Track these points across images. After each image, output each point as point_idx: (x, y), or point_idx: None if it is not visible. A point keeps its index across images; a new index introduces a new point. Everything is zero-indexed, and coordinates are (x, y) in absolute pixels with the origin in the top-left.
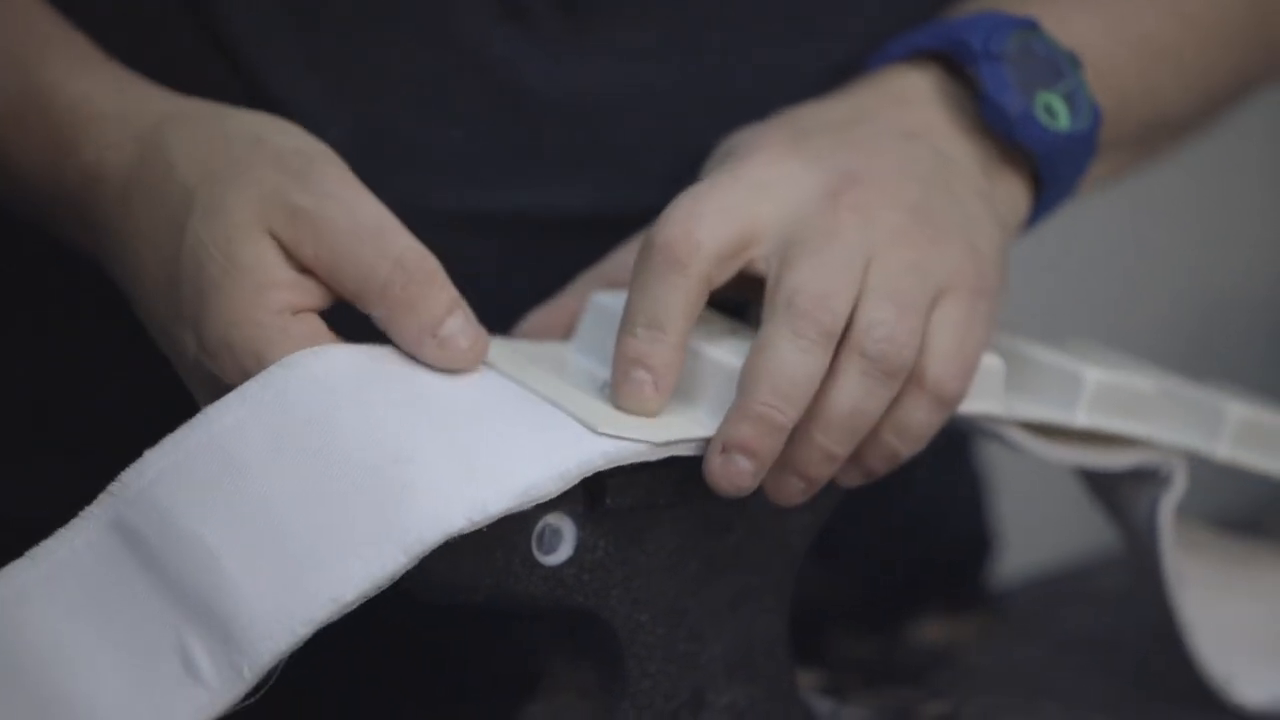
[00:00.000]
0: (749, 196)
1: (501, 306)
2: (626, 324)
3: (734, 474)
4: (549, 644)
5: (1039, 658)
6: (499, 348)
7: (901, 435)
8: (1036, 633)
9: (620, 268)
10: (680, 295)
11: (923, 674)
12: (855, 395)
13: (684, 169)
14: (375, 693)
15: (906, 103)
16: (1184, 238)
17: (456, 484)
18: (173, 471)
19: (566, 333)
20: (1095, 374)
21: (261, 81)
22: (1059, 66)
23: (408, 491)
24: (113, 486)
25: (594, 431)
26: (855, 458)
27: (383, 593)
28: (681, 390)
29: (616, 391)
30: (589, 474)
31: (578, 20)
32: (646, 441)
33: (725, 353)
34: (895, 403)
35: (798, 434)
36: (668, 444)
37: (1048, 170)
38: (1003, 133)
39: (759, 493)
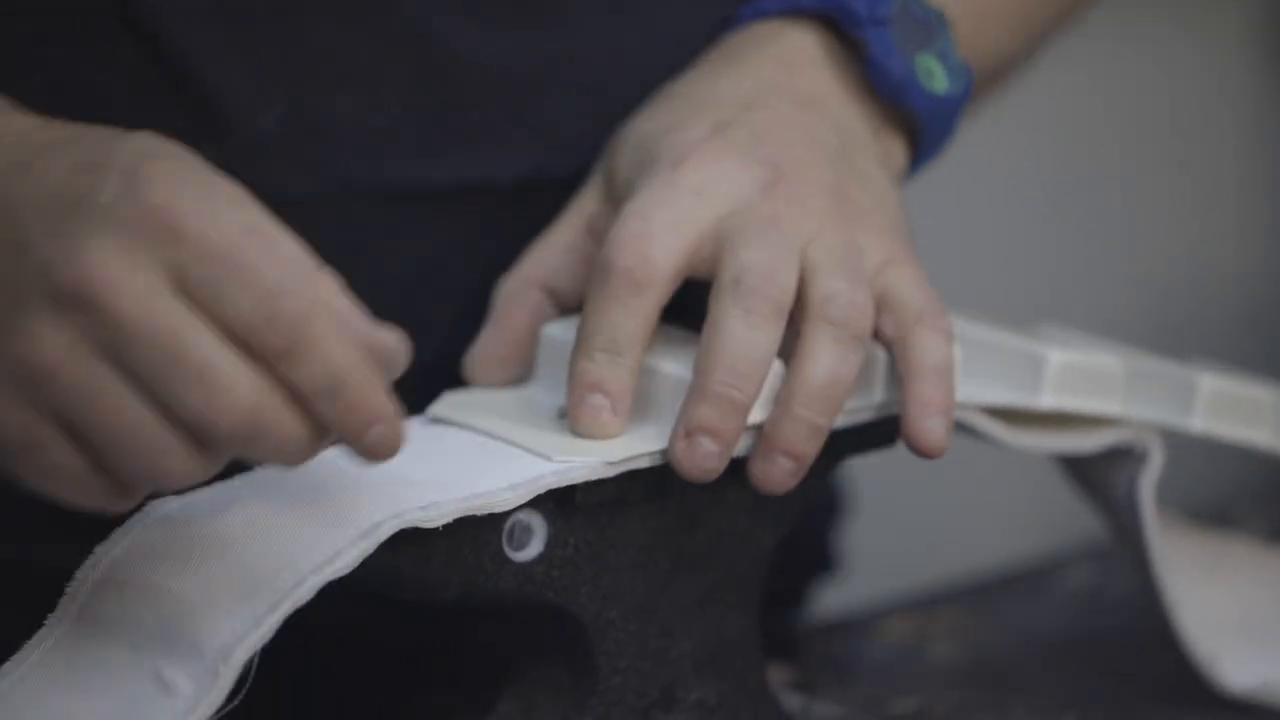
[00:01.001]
0: (692, 205)
1: (445, 277)
2: (583, 349)
3: (700, 457)
4: (519, 641)
5: (1008, 653)
6: (449, 400)
7: (944, 371)
8: (1006, 628)
9: (540, 265)
10: (639, 318)
11: (892, 670)
12: (831, 363)
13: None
14: (346, 695)
15: (795, 67)
16: (1157, 227)
17: (409, 491)
18: (123, 553)
19: (512, 358)
20: (1058, 354)
21: (188, 67)
22: (931, 27)
23: (360, 497)
24: (69, 588)
25: (548, 460)
26: (930, 408)
27: (354, 594)
28: (634, 406)
29: (573, 416)
30: (540, 491)
31: None
32: (601, 462)
33: (679, 366)
34: (917, 348)
35: (779, 412)
36: (623, 461)
37: (928, 132)
38: (889, 97)
39: (729, 489)
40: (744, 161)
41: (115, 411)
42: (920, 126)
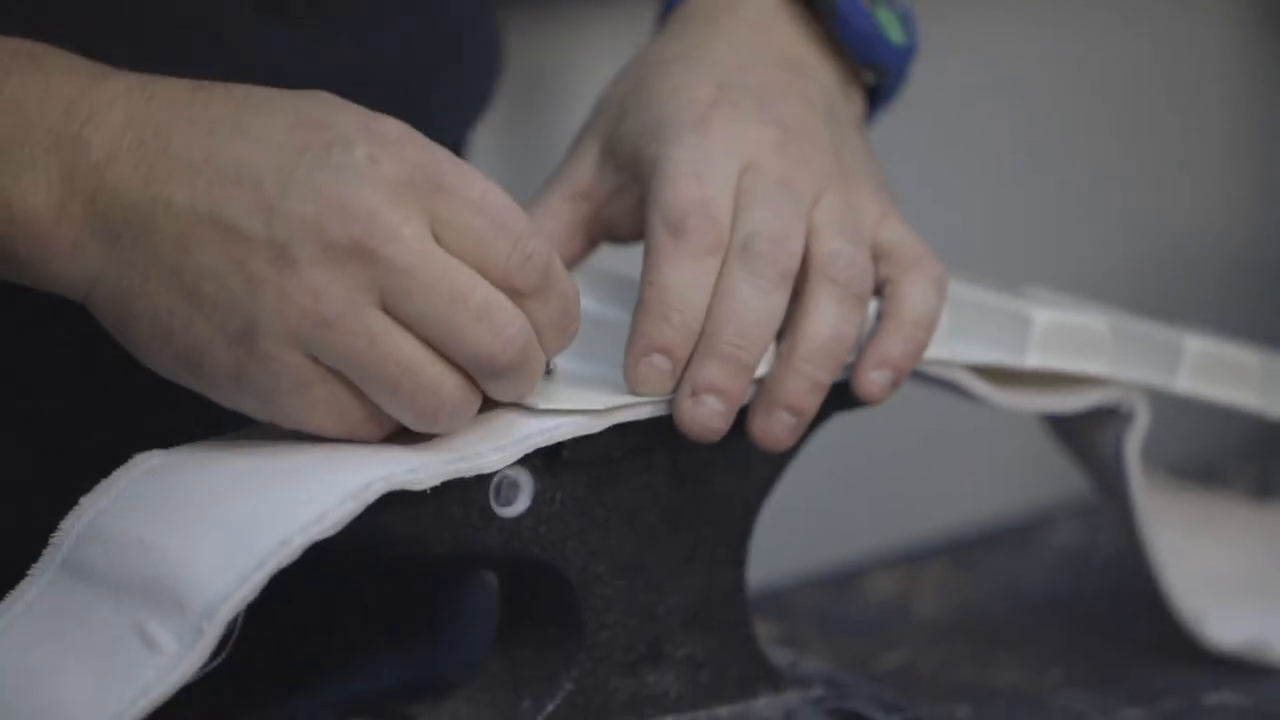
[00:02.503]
0: (727, 166)
1: None
2: (658, 308)
3: (705, 416)
4: (507, 597)
5: (996, 609)
6: None
7: (922, 324)
8: (993, 584)
9: (573, 183)
10: (713, 278)
11: (879, 625)
12: (834, 321)
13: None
14: (334, 650)
15: (767, 28)
16: (1151, 188)
17: (397, 453)
18: (110, 505)
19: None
20: (1044, 314)
21: None
22: None
23: (349, 457)
24: (54, 538)
25: (534, 410)
26: (884, 361)
27: (344, 551)
28: (616, 359)
29: (635, 374)
30: (529, 450)
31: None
32: (589, 411)
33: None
34: (903, 296)
35: (782, 368)
36: (610, 410)
37: (889, 84)
38: (856, 52)
39: (716, 446)
40: (757, 121)
41: (395, 353)
42: (883, 79)
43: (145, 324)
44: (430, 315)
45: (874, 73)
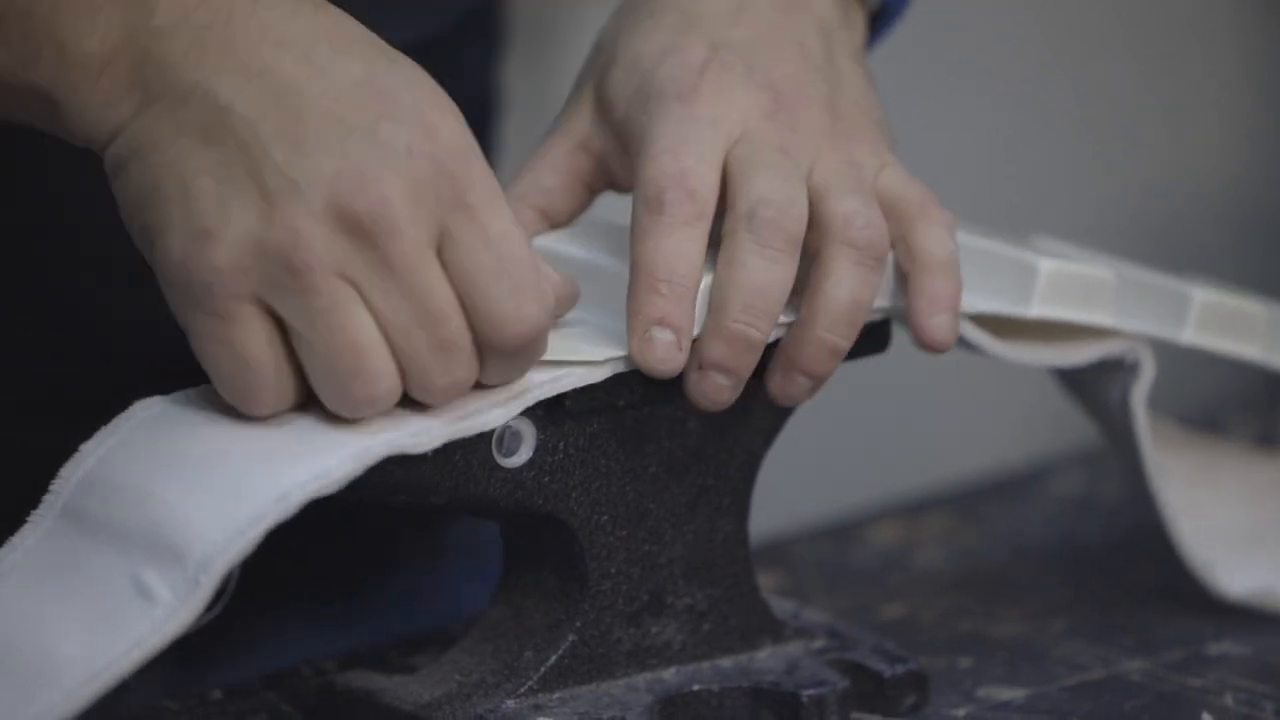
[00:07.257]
0: (712, 136)
1: None
2: (646, 281)
3: (712, 391)
4: (510, 547)
5: (996, 560)
6: None
7: (951, 265)
8: (994, 535)
9: (534, 185)
10: (699, 248)
11: (881, 576)
12: (852, 285)
13: None
14: (331, 597)
15: None
16: (1148, 135)
17: (399, 413)
18: (110, 453)
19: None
20: (1049, 264)
21: None
22: None
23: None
24: (53, 485)
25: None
26: (937, 305)
27: (343, 499)
28: (614, 306)
29: (640, 351)
30: (529, 405)
31: None
32: (585, 362)
33: None
34: (921, 245)
35: (801, 333)
36: (607, 361)
37: (892, 4)
38: None
39: None
40: (748, 90)
41: (350, 327)
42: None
43: (132, 187)
44: (395, 321)
45: None
